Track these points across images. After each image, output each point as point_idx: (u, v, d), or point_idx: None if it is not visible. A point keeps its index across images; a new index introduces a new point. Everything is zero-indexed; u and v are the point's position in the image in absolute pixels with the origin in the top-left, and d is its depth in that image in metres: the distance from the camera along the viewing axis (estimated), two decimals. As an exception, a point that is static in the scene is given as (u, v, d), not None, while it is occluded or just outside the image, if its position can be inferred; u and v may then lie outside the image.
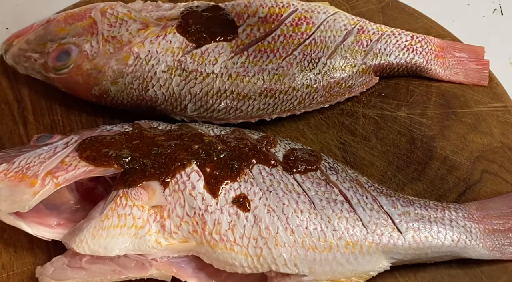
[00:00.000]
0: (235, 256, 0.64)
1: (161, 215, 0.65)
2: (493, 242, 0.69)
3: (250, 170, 0.67)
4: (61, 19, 0.79)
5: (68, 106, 0.83)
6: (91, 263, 0.65)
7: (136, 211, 0.64)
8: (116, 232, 0.64)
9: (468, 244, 0.68)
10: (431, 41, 0.86)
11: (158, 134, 0.70)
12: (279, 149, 0.71)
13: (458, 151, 0.80)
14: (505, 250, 0.69)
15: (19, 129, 0.81)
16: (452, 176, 0.78)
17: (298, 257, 0.64)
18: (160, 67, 0.77)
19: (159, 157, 0.66)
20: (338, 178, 0.70)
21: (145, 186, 0.65)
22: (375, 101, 0.84)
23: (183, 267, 0.67)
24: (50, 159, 0.66)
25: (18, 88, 0.85)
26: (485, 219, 0.70)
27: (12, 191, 0.64)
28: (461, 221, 0.69)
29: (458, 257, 0.69)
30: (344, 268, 0.66)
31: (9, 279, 0.70)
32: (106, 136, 0.69)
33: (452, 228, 0.69)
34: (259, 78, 0.78)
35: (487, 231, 0.69)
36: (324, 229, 0.66)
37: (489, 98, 0.83)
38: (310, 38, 0.80)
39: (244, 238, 0.64)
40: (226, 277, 0.67)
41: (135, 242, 0.64)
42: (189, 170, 0.66)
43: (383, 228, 0.67)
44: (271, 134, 0.73)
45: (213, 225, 0.64)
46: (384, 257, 0.67)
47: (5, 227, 0.70)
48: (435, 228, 0.68)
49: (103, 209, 0.65)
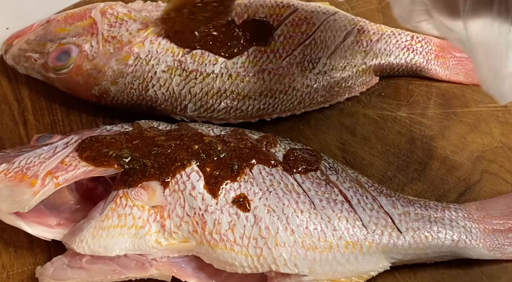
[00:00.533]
0: (235, 256, 0.64)
1: (161, 215, 0.65)
2: (493, 242, 0.69)
3: (250, 170, 0.67)
4: (61, 19, 0.79)
5: (68, 106, 0.83)
6: (91, 263, 0.65)
7: (136, 211, 0.64)
8: (116, 232, 0.64)
9: (468, 244, 0.68)
10: (431, 41, 0.86)
11: (158, 135, 0.70)
12: (279, 149, 0.71)
13: (458, 151, 0.80)
14: (505, 250, 0.69)
15: (19, 129, 0.81)
16: (452, 176, 0.78)
17: (298, 257, 0.64)
18: (160, 67, 0.77)
19: (159, 157, 0.66)
20: (338, 178, 0.70)
21: (145, 186, 0.65)
22: (375, 101, 0.84)
23: (183, 267, 0.67)
24: (50, 159, 0.66)
25: (18, 88, 0.85)
26: (485, 219, 0.70)
27: (12, 191, 0.64)
28: (461, 221, 0.69)
29: (458, 257, 0.69)
30: (344, 268, 0.66)
31: (9, 279, 0.70)
32: (106, 136, 0.69)
33: (452, 228, 0.69)
34: (259, 78, 0.78)
35: (487, 231, 0.69)
36: (324, 229, 0.66)
37: (489, 98, 0.83)
38: (310, 38, 0.80)
39: (244, 238, 0.64)
40: (226, 277, 0.67)
41: (135, 242, 0.64)
42: (189, 170, 0.66)
43: (383, 228, 0.67)
44: (271, 134, 0.73)
45: (213, 225, 0.64)
46: (384, 257, 0.67)
47: (5, 227, 0.70)
48: (435, 228, 0.68)
49: (103, 209, 0.65)
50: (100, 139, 0.68)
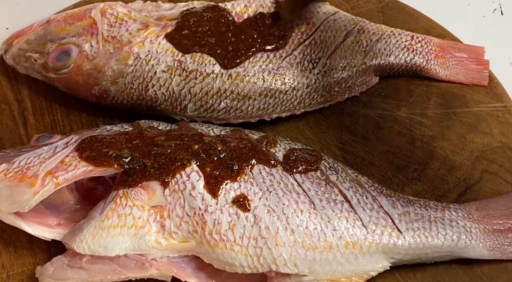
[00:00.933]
0: (235, 256, 0.64)
1: (161, 215, 0.65)
2: (493, 242, 0.69)
3: (250, 170, 0.67)
4: (61, 19, 0.79)
5: (68, 106, 0.83)
6: (91, 263, 0.65)
7: (136, 211, 0.64)
8: (116, 232, 0.64)
9: (468, 244, 0.68)
10: (431, 41, 0.86)
11: (158, 134, 0.70)
12: (279, 148, 0.71)
13: (458, 151, 0.80)
14: (505, 250, 0.69)
15: (19, 129, 0.81)
16: (452, 176, 0.78)
17: (298, 257, 0.64)
18: (160, 67, 0.77)
19: (159, 157, 0.66)
20: (338, 178, 0.70)
21: (145, 186, 0.65)
22: (375, 101, 0.84)
23: (183, 267, 0.67)
24: (50, 159, 0.66)
25: (18, 88, 0.85)
26: (485, 219, 0.70)
27: (12, 191, 0.64)
28: (461, 221, 0.69)
29: (458, 257, 0.69)
30: (344, 268, 0.66)
31: (9, 279, 0.70)
32: (106, 136, 0.69)
33: (452, 228, 0.69)
34: (259, 78, 0.78)
35: (487, 231, 0.69)
36: (324, 229, 0.66)
37: (489, 98, 0.83)
38: (310, 38, 0.80)
39: (244, 238, 0.64)
40: (226, 277, 0.67)
41: (135, 242, 0.64)
42: (189, 170, 0.66)
43: (383, 228, 0.67)
44: (271, 134, 0.73)
45: (213, 225, 0.64)
46: (384, 257, 0.67)
47: (5, 227, 0.70)
48: (435, 228, 0.68)
49: (103, 209, 0.65)
50: (100, 139, 0.68)
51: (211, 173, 0.66)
